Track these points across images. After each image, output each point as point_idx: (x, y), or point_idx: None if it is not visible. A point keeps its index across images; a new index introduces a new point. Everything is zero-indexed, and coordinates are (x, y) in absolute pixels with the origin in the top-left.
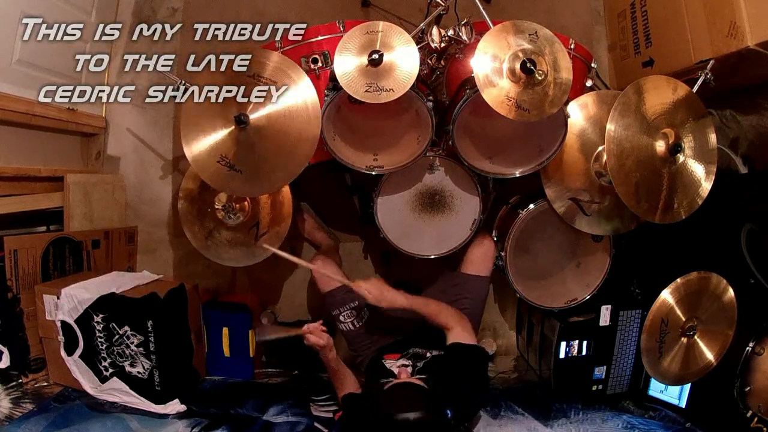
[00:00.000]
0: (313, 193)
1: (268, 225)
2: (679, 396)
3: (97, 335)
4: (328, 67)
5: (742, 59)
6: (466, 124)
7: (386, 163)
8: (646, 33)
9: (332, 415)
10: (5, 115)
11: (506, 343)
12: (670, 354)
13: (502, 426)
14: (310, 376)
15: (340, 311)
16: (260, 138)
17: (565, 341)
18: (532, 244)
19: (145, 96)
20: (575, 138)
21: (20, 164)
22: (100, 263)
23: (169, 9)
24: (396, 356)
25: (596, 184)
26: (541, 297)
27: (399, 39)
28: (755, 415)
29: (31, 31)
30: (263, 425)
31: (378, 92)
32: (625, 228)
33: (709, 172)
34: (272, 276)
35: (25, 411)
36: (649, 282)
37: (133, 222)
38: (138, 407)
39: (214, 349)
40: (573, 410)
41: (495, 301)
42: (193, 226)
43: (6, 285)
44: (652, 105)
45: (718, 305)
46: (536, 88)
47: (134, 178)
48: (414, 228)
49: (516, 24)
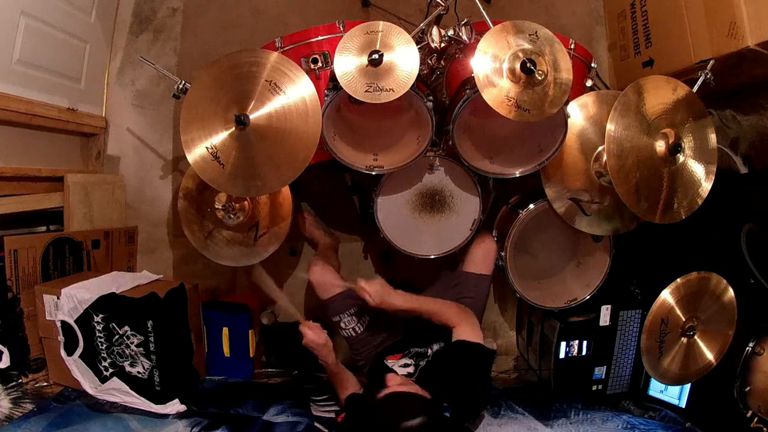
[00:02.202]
0: (313, 193)
1: (267, 225)
2: (679, 396)
3: (97, 335)
4: (328, 67)
5: (742, 59)
6: (466, 124)
7: (386, 163)
8: (646, 33)
9: (334, 416)
10: (5, 115)
11: (506, 343)
12: (670, 354)
13: (502, 426)
14: (310, 376)
15: (341, 318)
16: (260, 138)
17: (565, 341)
18: (532, 244)
19: (145, 96)
20: (575, 138)
21: (20, 164)
22: (100, 263)
23: (169, 9)
24: (398, 357)
25: (596, 184)
26: (541, 297)
27: (399, 39)
28: (755, 415)
29: (31, 31)
30: (263, 425)
31: (378, 92)
32: (625, 228)
33: (709, 172)
34: (272, 276)
35: (25, 411)
36: (649, 282)
37: (133, 222)
38: (138, 407)
39: (214, 349)
40: (573, 410)
41: (495, 301)
42: (192, 225)
43: (6, 285)
44: (652, 105)
45: (718, 305)
46: (536, 88)
47: (134, 178)
48: (414, 228)
49: (516, 24)
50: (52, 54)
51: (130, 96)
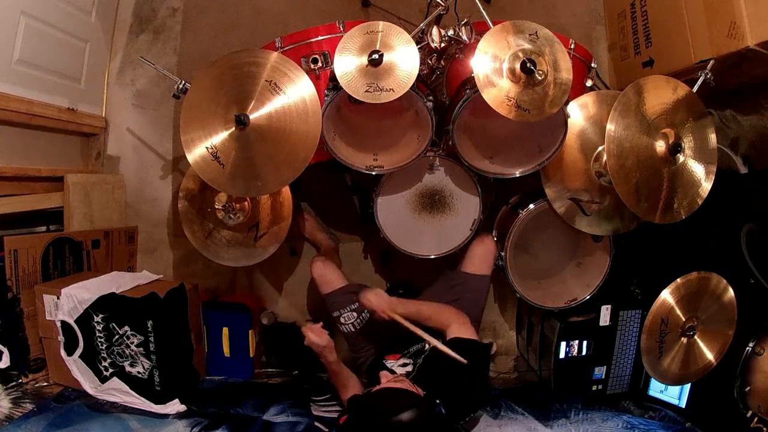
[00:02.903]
0: (313, 193)
1: (267, 225)
2: (679, 396)
3: (97, 335)
4: (328, 67)
5: (742, 59)
6: (466, 124)
7: (386, 163)
8: (646, 33)
9: (336, 417)
10: (5, 115)
11: (506, 343)
12: (670, 354)
13: (502, 426)
14: (310, 376)
15: (341, 313)
16: (260, 138)
17: (565, 341)
18: (532, 244)
19: (145, 96)
20: (575, 138)
21: (20, 164)
22: (100, 263)
23: (169, 9)
24: (396, 356)
25: (596, 184)
26: (541, 297)
27: (399, 39)
28: (755, 415)
29: (31, 31)
30: (263, 425)
31: (378, 92)
32: (625, 228)
33: (709, 172)
34: (272, 276)
35: (25, 411)
36: (649, 282)
37: (133, 222)
38: (138, 407)
39: (214, 349)
40: (573, 410)
41: (495, 301)
42: (192, 225)
43: (6, 285)
44: (652, 105)
45: (718, 305)
46: (536, 88)
47: (134, 178)
48: (414, 228)
49: (516, 24)
50: (52, 54)
51: (130, 96)
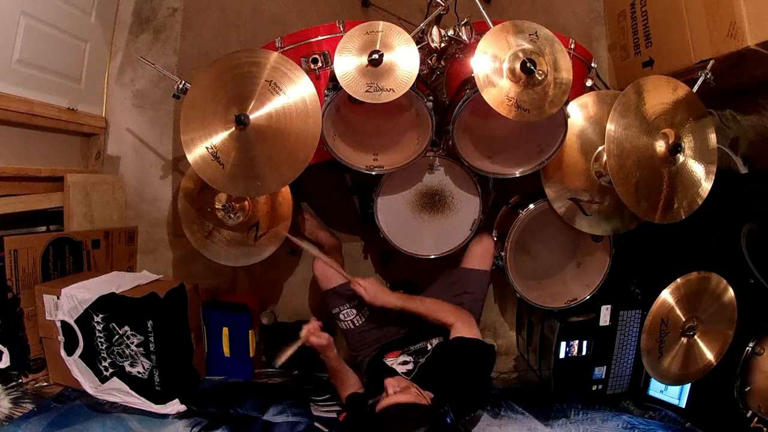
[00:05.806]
0: (313, 193)
1: (267, 225)
2: (679, 396)
3: (97, 335)
4: (328, 67)
5: (742, 59)
6: (466, 124)
7: (386, 163)
8: (646, 33)
9: (335, 415)
10: (5, 115)
11: (506, 343)
12: (670, 354)
13: (502, 426)
14: (310, 376)
15: (340, 309)
16: (260, 138)
17: (565, 341)
18: (532, 244)
19: (145, 96)
20: (575, 138)
21: (20, 164)
22: (100, 263)
23: (169, 9)
24: (397, 354)
25: (596, 184)
26: (541, 297)
27: (399, 39)
28: (755, 415)
29: (31, 31)
30: (263, 425)
31: (378, 92)
32: (625, 228)
33: (709, 172)
34: (272, 276)
35: (25, 411)
36: (649, 282)
37: (133, 222)
38: (138, 407)
39: (214, 349)
40: (573, 410)
41: (495, 301)
42: (192, 225)
43: (6, 285)
44: (652, 105)
45: (718, 305)
46: (536, 88)
47: (134, 178)
48: (414, 228)
49: (516, 24)
50: (52, 54)
51: (130, 96)
